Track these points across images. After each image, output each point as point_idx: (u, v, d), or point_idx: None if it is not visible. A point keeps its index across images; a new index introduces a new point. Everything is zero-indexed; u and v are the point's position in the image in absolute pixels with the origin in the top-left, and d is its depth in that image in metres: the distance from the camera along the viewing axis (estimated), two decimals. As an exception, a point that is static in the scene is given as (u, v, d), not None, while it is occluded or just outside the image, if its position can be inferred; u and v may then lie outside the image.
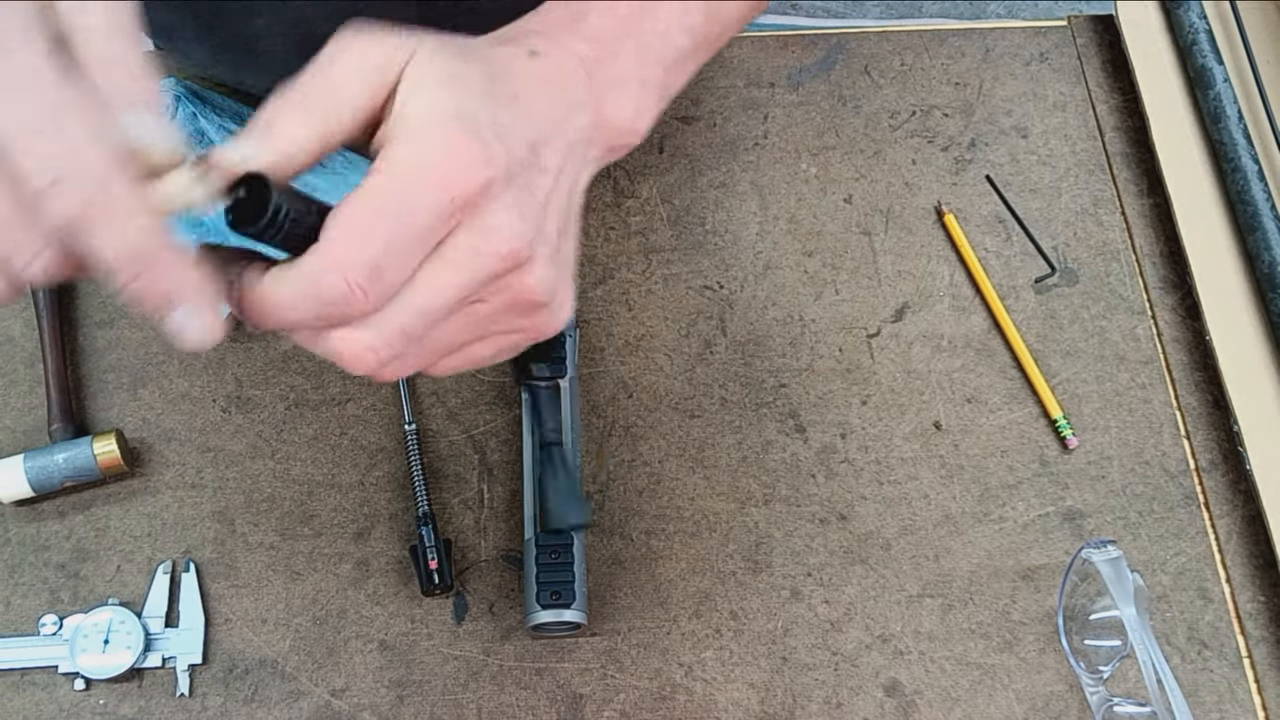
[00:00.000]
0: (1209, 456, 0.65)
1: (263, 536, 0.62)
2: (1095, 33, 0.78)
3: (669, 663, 0.60)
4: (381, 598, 0.61)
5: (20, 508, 0.62)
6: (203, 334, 0.33)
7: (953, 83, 0.76)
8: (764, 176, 0.73)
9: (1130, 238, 0.71)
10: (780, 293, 0.69)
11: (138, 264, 0.31)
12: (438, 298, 0.35)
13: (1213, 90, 0.71)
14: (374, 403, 0.65)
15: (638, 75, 0.43)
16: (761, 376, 0.67)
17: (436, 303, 0.35)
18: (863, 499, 0.64)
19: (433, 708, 0.58)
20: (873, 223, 0.71)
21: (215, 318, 0.33)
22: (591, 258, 0.70)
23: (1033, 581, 0.62)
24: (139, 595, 0.60)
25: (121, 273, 0.31)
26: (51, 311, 0.65)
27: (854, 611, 0.61)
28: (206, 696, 0.58)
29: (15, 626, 0.60)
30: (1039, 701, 0.59)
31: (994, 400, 0.66)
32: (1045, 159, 0.73)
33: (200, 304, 0.33)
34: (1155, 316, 0.69)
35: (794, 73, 0.76)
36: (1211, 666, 0.60)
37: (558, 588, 0.57)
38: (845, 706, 0.59)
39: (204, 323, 0.33)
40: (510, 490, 0.63)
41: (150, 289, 0.32)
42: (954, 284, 0.70)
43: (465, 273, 0.35)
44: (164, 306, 0.32)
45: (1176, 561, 0.62)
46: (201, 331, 0.33)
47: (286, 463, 0.64)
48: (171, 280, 0.32)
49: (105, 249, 0.31)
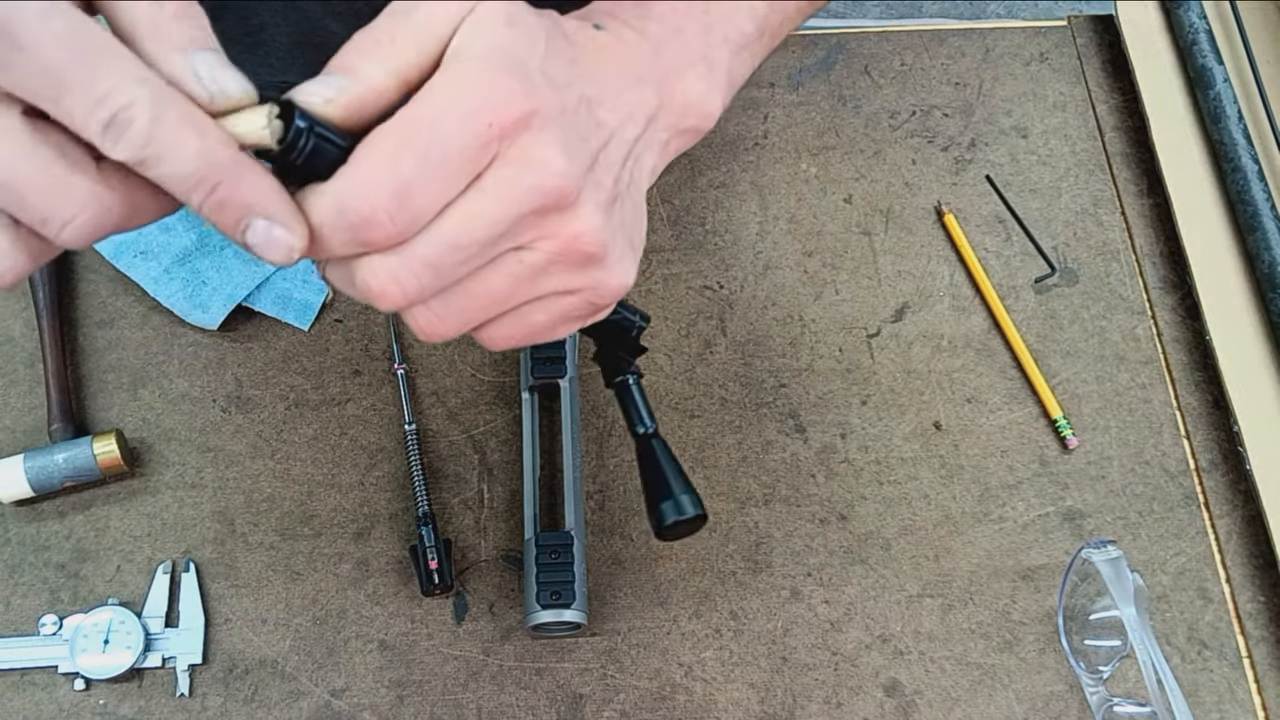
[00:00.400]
0: (1209, 456, 0.65)
1: (263, 536, 0.62)
2: (1095, 33, 0.78)
3: (669, 663, 0.60)
4: (381, 598, 0.61)
5: (20, 508, 0.62)
6: (288, 246, 0.33)
7: (953, 83, 0.76)
8: (764, 176, 0.73)
9: (1130, 238, 0.71)
10: (780, 293, 0.69)
11: (214, 174, 0.31)
12: (470, 229, 0.34)
13: (1213, 90, 0.71)
14: (374, 403, 0.65)
15: (705, 55, 0.42)
16: (761, 376, 0.67)
17: (469, 235, 0.34)
18: (863, 499, 0.64)
19: (433, 708, 0.58)
20: (873, 223, 0.71)
21: (299, 227, 0.33)
22: (591, 258, 0.70)
23: (1033, 581, 0.62)
24: (139, 595, 0.60)
25: (198, 188, 0.31)
26: (51, 311, 0.65)
27: (854, 611, 0.61)
28: (206, 696, 0.58)
29: (15, 626, 0.60)
30: (1039, 701, 0.59)
31: (994, 400, 0.66)
32: (1045, 159, 0.73)
33: (282, 212, 0.32)
34: (1155, 316, 0.69)
35: (794, 73, 0.76)
36: (1211, 666, 0.60)
37: (558, 588, 0.57)
38: (845, 706, 0.59)
39: (287, 233, 0.32)
40: (510, 490, 0.63)
41: (229, 199, 0.31)
42: (954, 284, 0.70)
43: (501, 205, 0.34)
44: (244, 217, 0.32)
45: (1176, 561, 0.62)
46: (287, 243, 0.32)
47: (286, 463, 0.64)
48: (249, 189, 0.32)
49: (178, 167, 0.30)
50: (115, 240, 0.66)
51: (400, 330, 0.67)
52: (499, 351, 0.67)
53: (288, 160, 0.33)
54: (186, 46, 0.32)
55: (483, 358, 0.67)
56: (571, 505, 0.60)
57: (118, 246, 0.66)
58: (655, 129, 0.40)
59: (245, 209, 0.32)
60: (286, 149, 0.33)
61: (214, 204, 0.32)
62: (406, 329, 0.67)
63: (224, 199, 0.31)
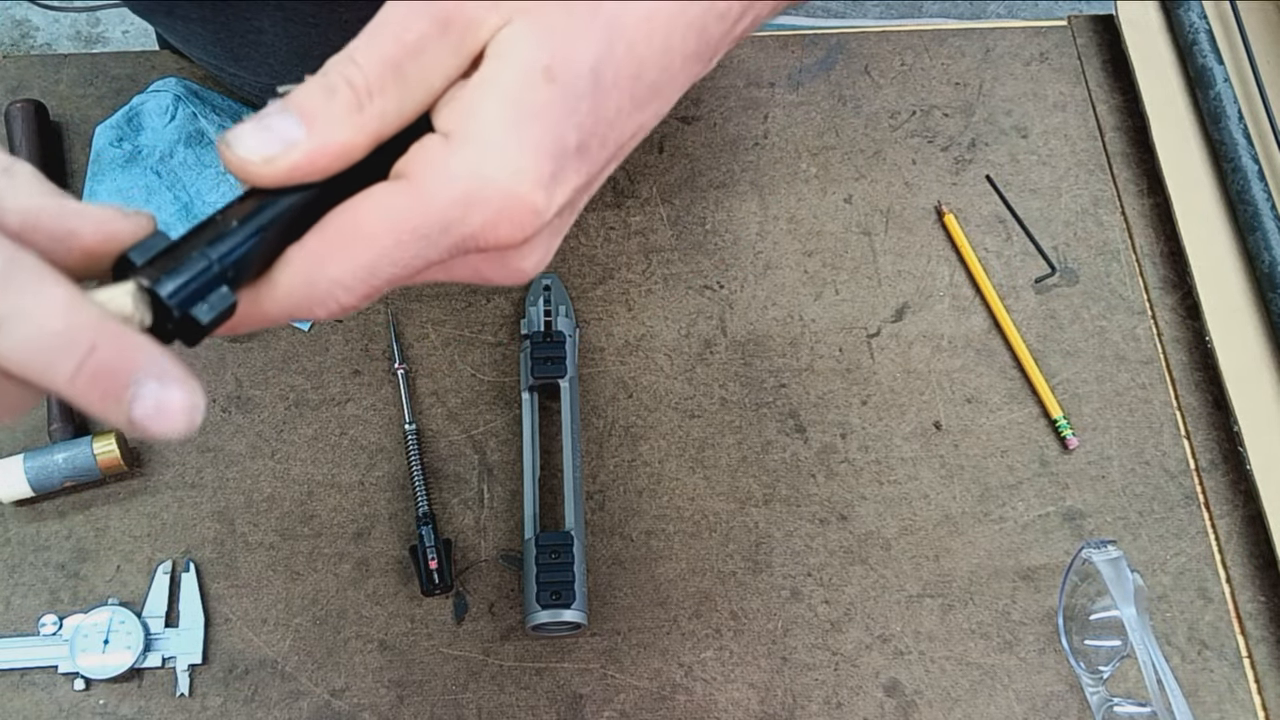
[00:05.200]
0: (1209, 456, 0.65)
1: (263, 536, 0.62)
2: (1095, 33, 0.78)
3: (669, 663, 0.60)
4: (381, 598, 0.61)
5: (20, 508, 0.62)
6: (190, 408, 0.26)
7: (953, 83, 0.76)
8: (764, 176, 0.73)
9: (1130, 238, 0.71)
10: (780, 293, 0.69)
11: (81, 342, 0.25)
12: (418, 277, 0.31)
13: (1213, 90, 0.71)
14: (374, 403, 0.65)
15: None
16: (761, 376, 0.67)
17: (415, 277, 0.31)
18: (863, 499, 0.64)
19: (433, 708, 0.58)
20: (873, 223, 0.71)
21: (196, 383, 0.26)
22: (591, 258, 0.70)
23: (1033, 581, 0.62)
24: (139, 595, 0.60)
25: (70, 351, 0.25)
26: (51, 311, 0.65)
27: (854, 611, 0.61)
28: (206, 696, 0.58)
29: (15, 626, 0.60)
30: (1039, 701, 0.59)
31: (994, 400, 0.66)
32: (1045, 159, 0.73)
33: (175, 369, 0.26)
34: (1155, 316, 0.69)
35: (794, 73, 0.76)
36: (1211, 666, 0.60)
37: (558, 588, 0.57)
38: (845, 706, 0.59)
39: (185, 394, 0.26)
40: (510, 490, 0.63)
41: (110, 362, 0.25)
42: (954, 284, 0.70)
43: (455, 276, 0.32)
44: (129, 388, 0.25)
45: (1176, 561, 0.62)
46: (187, 405, 0.26)
47: (286, 463, 0.64)
48: (125, 349, 0.25)
49: (42, 325, 0.24)
50: (115, 240, 0.66)
51: (400, 330, 0.67)
52: (494, 352, 0.67)
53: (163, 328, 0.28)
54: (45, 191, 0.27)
55: (483, 358, 0.67)
56: (571, 505, 0.60)
57: (118, 246, 0.66)
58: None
59: (130, 373, 0.25)
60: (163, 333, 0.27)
61: (92, 372, 0.25)
62: (405, 329, 0.67)
63: (104, 364, 0.25)
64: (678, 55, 0.33)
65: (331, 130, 0.29)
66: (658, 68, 0.32)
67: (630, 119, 0.33)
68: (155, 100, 0.69)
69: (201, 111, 0.68)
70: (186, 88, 0.69)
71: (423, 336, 0.67)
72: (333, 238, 0.29)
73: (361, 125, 0.29)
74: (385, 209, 0.29)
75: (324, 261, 0.29)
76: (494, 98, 0.30)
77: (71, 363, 0.25)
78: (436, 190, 0.29)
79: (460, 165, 0.29)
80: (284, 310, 0.30)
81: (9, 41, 1.88)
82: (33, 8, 1.84)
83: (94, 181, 0.67)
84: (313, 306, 0.29)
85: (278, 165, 0.29)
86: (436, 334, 0.67)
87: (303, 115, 0.29)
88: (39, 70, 0.73)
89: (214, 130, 0.68)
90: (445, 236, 0.30)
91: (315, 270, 0.29)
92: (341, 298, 0.29)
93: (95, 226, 0.28)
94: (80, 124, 0.71)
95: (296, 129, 0.29)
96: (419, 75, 0.30)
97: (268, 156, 0.28)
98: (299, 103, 0.29)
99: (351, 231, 0.29)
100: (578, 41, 0.30)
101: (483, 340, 0.67)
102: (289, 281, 0.29)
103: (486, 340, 0.67)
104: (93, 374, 0.25)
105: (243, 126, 0.29)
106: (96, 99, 0.72)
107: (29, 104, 0.69)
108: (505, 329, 0.68)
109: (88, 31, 1.89)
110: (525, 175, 0.30)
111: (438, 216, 0.29)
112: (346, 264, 0.29)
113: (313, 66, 0.31)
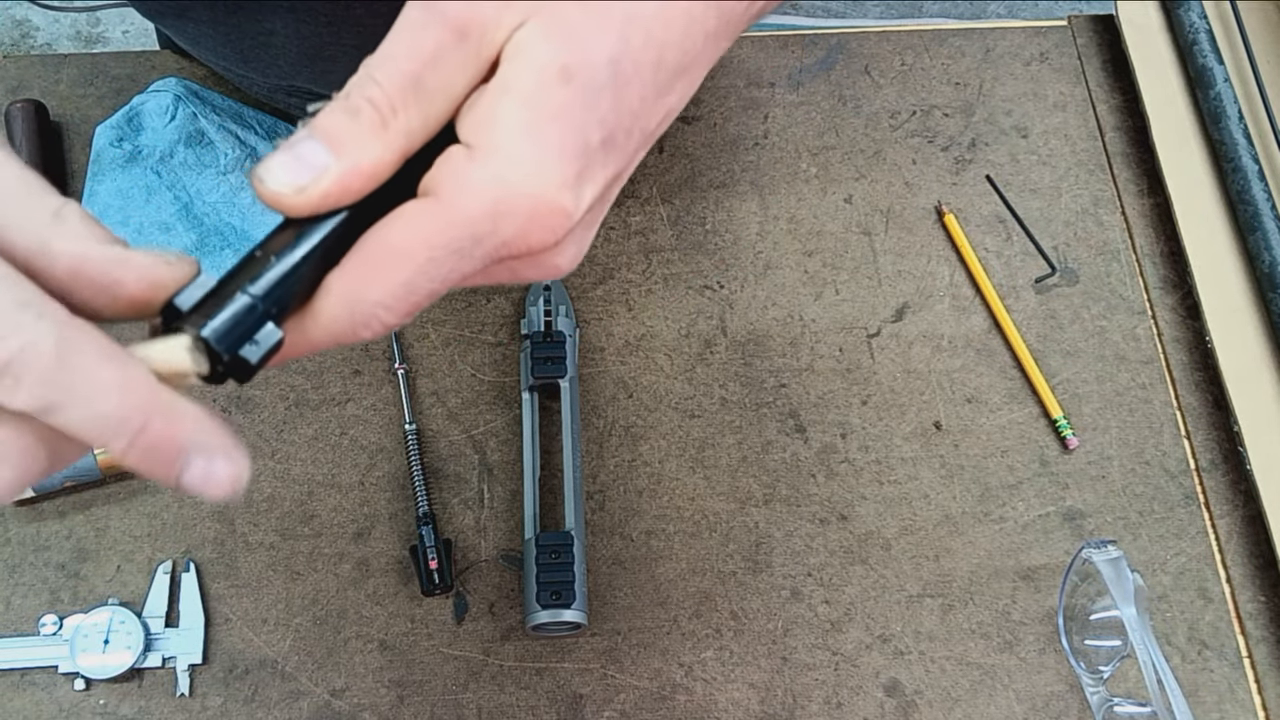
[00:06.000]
0: (1209, 456, 0.65)
1: (263, 536, 0.62)
2: (1095, 33, 0.78)
3: (669, 663, 0.60)
4: (381, 598, 0.61)
5: (20, 508, 0.62)
6: (234, 478, 0.28)
7: (953, 83, 0.76)
8: (764, 176, 0.73)
9: (1130, 238, 0.71)
10: (780, 293, 0.69)
11: (140, 412, 0.26)
12: (457, 285, 0.32)
13: (1213, 90, 0.71)
14: (374, 403, 0.65)
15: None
16: (761, 376, 0.67)
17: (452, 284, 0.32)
18: (863, 499, 0.64)
19: (433, 708, 0.58)
20: (873, 223, 0.71)
21: (240, 453, 0.28)
22: (591, 258, 0.70)
23: (1033, 581, 0.62)
24: (139, 595, 0.60)
25: (122, 430, 0.26)
26: (51, 311, 0.65)
27: (854, 611, 0.61)
28: (206, 696, 0.58)
29: (15, 626, 0.60)
30: (1039, 701, 0.59)
31: (994, 400, 0.66)
32: (1045, 159, 0.73)
33: (221, 441, 0.28)
34: (1155, 316, 0.69)
35: (794, 73, 0.76)
36: (1211, 666, 0.60)
37: (558, 588, 0.57)
38: (845, 706, 0.59)
39: (229, 464, 0.28)
40: (510, 490, 0.63)
41: (162, 439, 0.27)
42: (954, 284, 0.70)
43: (496, 279, 0.32)
44: (179, 460, 0.27)
45: (1177, 561, 0.62)
46: (231, 475, 0.28)
47: (286, 463, 0.64)
48: (183, 424, 0.27)
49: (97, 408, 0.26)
50: (115, 240, 0.66)
51: (400, 330, 0.67)
52: (494, 352, 0.67)
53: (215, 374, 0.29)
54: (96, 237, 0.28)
55: (483, 358, 0.67)
56: (571, 505, 0.60)
57: (118, 246, 0.66)
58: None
59: (180, 448, 0.27)
60: (214, 375, 0.29)
61: (144, 447, 0.27)
62: (405, 329, 0.67)
63: (156, 440, 0.27)
64: (699, 35, 0.33)
65: (360, 152, 0.29)
66: (679, 50, 0.32)
67: (656, 105, 0.32)
68: (155, 100, 0.69)
69: (201, 111, 0.68)
70: (187, 88, 0.69)
71: (423, 336, 0.67)
72: (369, 262, 0.30)
73: (388, 143, 0.29)
74: (416, 228, 0.29)
75: (363, 286, 0.30)
76: (512, 103, 0.29)
77: (125, 440, 0.26)
78: (464, 205, 0.29)
79: (484, 177, 0.29)
80: (331, 337, 0.30)
81: (9, 41, 1.88)
82: (33, 8, 1.84)
83: (94, 181, 0.67)
84: (357, 330, 0.30)
85: (311, 194, 0.29)
86: (436, 334, 0.67)
87: (329, 140, 0.29)
88: (39, 70, 0.73)
89: (214, 130, 0.68)
90: (479, 248, 0.30)
91: (356, 296, 0.30)
92: (385, 317, 0.30)
93: (139, 275, 0.28)
94: (80, 124, 0.71)
95: (325, 155, 0.29)
96: (440, 86, 0.30)
97: (300, 186, 0.29)
98: (324, 128, 0.29)
99: (386, 254, 0.29)
100: (594, 37, 0.30)
101: (483, 340, 0.67)
102: (332, 309, 0.30)
103: (486, 340, 0.67)
104: (144, 449, 0.27)
105: (272, 159, 0.29)
106: (96, 99, 0.72)
107: (29, 104, 0.69)
108: (505, 329, 0.68)
109: (88, 31, 1.89)
110: (550, 180, 0.30)
111: (469, 230, 0.29)
112: (385, 286, 0.29)
113: (323, 67, 0.31)
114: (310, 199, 0.29)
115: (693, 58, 0.33)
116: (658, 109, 0.33)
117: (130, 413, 0.26)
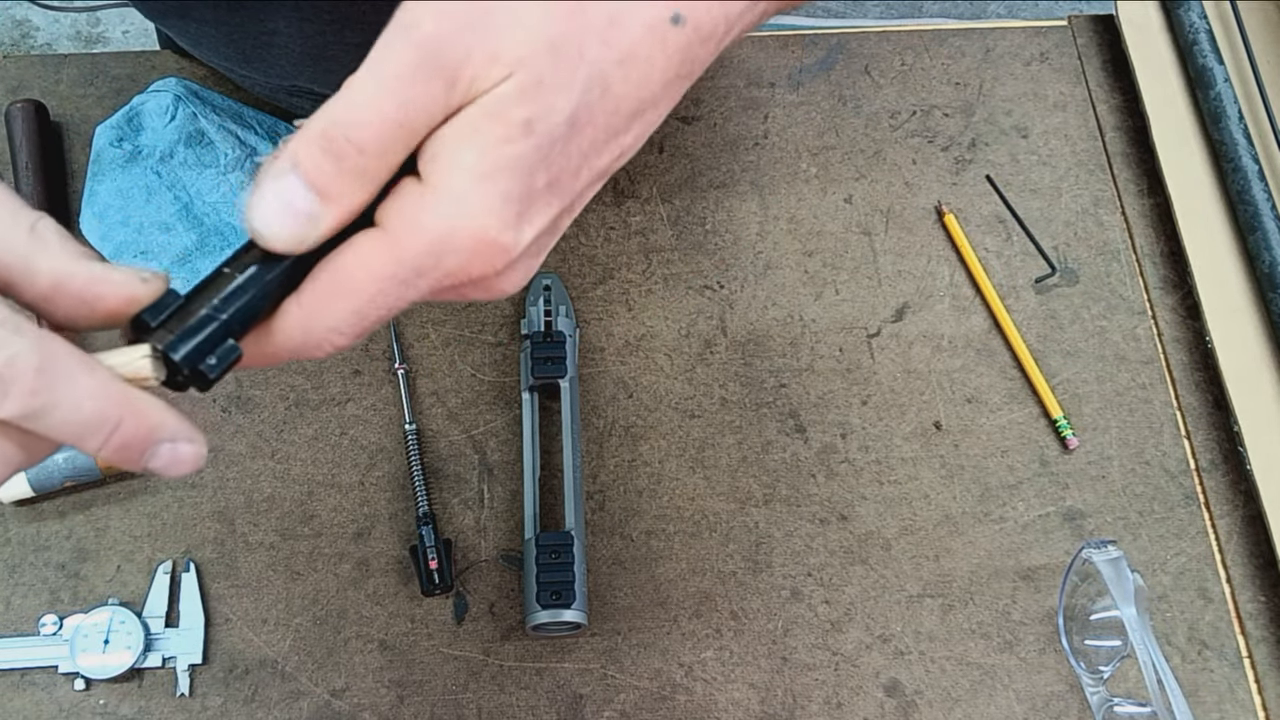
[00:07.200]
0: (1209, 456, 0.65)
1: (263, 536, 0.62)
2: (1095, 33, 0.78)
3: (669, 663, 0.60)
4: (381, 598, 0.61)
5: (20, 508, 0.62)
6: (195, 457, 0.32)
7: (953, 83, 0.76)
8: (764, 176, 0.73)
9: (1130, 238, 0.71)
10: (780, 293, 0.69)
11: (114, 412, 0.29)
12: (406, 308, 0.34)
13: (1213, 90, 0.71)
14: (374, 403, 0.65)
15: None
16: (761, 376, 0.67)
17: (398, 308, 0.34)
18: (863, 499, 0.64)
19: (433, 708, 0.58)
20: (873, 223, 0.71)
21: (198, 434, 0.32)
22: (591, 258, 0.70)
23: (1033, 581, 0.62)
24: (139, 595, 0.60)
25: (98, 430, 0.29)
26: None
27: (854, 611, 0.61)
28: (206, 696, 0.58)
29: (15, 626, 0.60)
30: (1039, 701, 0.59)
31: (994, 400, 0.66)
32: (1045, 159, 0.73)
33: (182, 428, 0.31)
34: (1155, 316, 0.69)
35: (794, 73, 0.76)
36: (1211, 666, 0.60)
37: (558, 588, 0.57)
38: (845, 706, 0.59)
39: (192, 446, 0.31)
40: (510, 490, 0.63)
41: (133, 434, 0.30)
42: (954, 284, 0.70)
43: (444, 299, 0.35)
44: (148, 449, 0.31)
45: (1177, 561, 0.62)
46: (193, 456, 0.32)
47: (286, 463, 0.64)
48: (148, 418, 0.30)
49: (75, 413, 0.29)
50: (116, 241, 0.66)
51: (400, 330, 0.67)
52: (494, 352, 0.67)
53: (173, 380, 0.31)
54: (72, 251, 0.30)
55: (483, 358, 0.67)
56: (571, 505, 0.60)
57: (118, 247, 0.66)
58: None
59: (148, 440, 0.30)
60: (175, 383, 0.31)
61: (118, 444, 0.30)
62: (405, 329, 0.67)
63: (128, 437, 0.30)
64: (658, 83, 0.34)
65: (348, 200, 0.31)
66: (635, 99, 0.34)
67: (608, 146, 0.34)
68: (155, 100, 0.69)
69: (202, 111, 0.68)
70: (187, 88, 0.69)
71: (423, 336, 0.67)
72: (323, 291, 0.32)
73: (367, 187, 0.31)
74: (367, 261, 0.32)
75: (318, 314, 0.32)
76: (473, 150, 0.31)
77: (100, 438, 0.30)
78: (410, 241, 0.32)
79: (432, 217, 0.31)
80: (287, 353, 0.33)
81: (9, 41, 1.88)
82: (33, 8, 1.84)
83: (94, 181, 0.67)
84: (310, 351, 0.33)
85: (301, 242, 0.31)
86: (436, 334, 0.67)
87: (315, 188, 0.31)
88: (39, 70, 0.73)
89: (214, 130, 0.68)
90: (423, 280, 0.32)
91: (310, 321, 0.32)
92: (337, 340, 0.33)
93: (116, 290, 0.31)
94: (80, 124, 0.71)
95: (313, 204, 0.31)
96: (421, 128, 0.31)
97: (299, 238, 0.31)
98: (311, 175, 0.31)
99: (340, 285, 0.32)
100: (560, 93, 0.31)
101: (483, 340, 0.67)
102: (289, 330, 0.32)
103: (486, 340, 0.67)
104: (118, 444, 0.30)
105: (264, 203, 0.31)
106: (96, 99, 0.72)
107: (29, 104, 0.69)
108: (505, 329, 0.68)
109: (88, 31, 1.89)
110: (492, 222, 0.32)
111: (413, 265, 0.32)
112: (338, 314, 0.32)
113: (326, 66, 0.33)
114: (301, 246, 0.31)
115: (651, 102, 0.34)
116: (610, 149, 0.34)
117: (105, 416, 0.29)
